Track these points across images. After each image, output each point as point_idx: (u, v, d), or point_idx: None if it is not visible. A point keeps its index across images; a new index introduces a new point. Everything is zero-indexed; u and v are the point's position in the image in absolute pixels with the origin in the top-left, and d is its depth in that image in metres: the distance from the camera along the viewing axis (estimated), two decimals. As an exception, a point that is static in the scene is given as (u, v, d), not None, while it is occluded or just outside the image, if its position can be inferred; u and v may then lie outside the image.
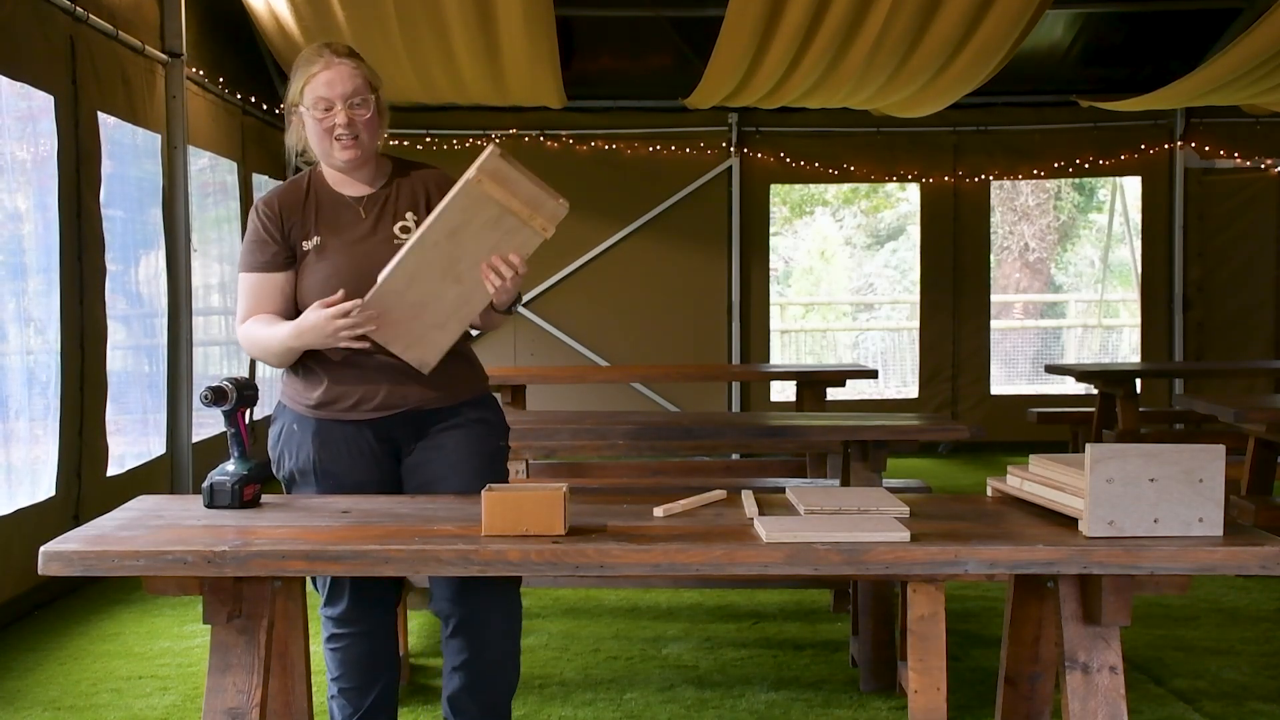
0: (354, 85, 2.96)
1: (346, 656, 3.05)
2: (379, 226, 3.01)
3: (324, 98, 2.94)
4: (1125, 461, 2.44)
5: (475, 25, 7.37)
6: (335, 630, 3.06)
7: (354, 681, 3.06)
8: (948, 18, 7.23)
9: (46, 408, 5.32)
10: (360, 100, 2.96)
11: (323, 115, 2.95)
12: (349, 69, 2.97)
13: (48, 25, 5.36)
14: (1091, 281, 16.22)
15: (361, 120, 2.96)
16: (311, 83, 2.96)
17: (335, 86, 2.94)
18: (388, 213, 3.03)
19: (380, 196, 3.05)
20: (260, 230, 3.03)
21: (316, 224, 3.02)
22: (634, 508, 2.78)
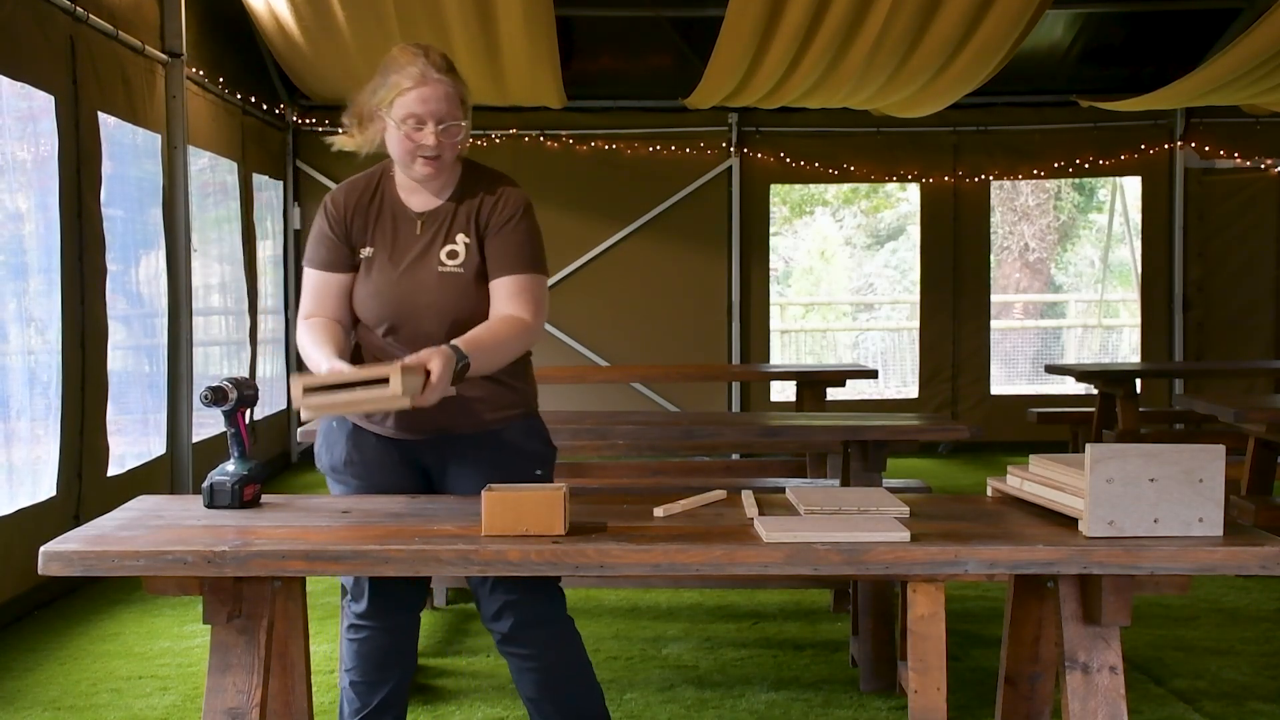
0: (448, 106, 2.86)
1: (361, 649, 3.01)
2: (430, 248, 2.94)
3: (416, 114, 2.85)
4: (1125, 461, 2.44)
5: (475, 25, 7.37)
6: (355, 621, 3.02)
7: (365, 676, 3.02)
8: (948, 18, 7.23)
9: (47, 408, 5.32)
10: (452, 123, 2.87)
11: (412, 132, 2.86)
12: (446, 88, 2.86)
13: (48, 25, 5.36)
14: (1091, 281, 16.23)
15: (451, 141, 2.88)
16: (405, 96, 2.85)
17: (430, 105, 2.85)
18: (441, 233, 2.94)
19: (442, 212, 2.96)
20: (324, 226, 2.99)
21: (374, 232, 2.97)
22: (634, 508, 2.78)
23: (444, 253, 2.93)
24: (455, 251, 2.94)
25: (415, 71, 2.84)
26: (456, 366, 2.73)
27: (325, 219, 3.00)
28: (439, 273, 2.91)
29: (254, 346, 8.38)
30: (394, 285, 2.93)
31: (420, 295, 2.90)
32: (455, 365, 2.73)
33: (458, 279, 2.93)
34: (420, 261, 2.93)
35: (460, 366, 2.74)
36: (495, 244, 2.94)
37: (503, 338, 2.89)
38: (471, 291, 2.94)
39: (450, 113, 2.86)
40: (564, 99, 8.85)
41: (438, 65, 2.86)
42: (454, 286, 2.93)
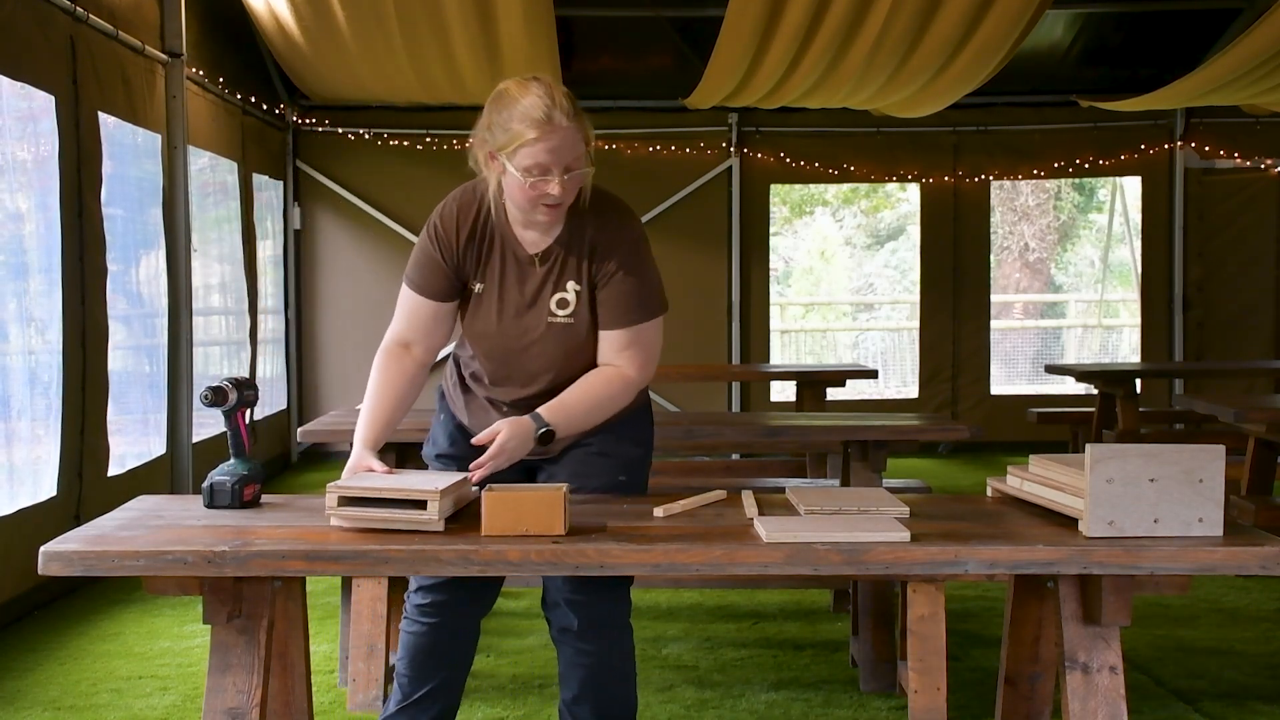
0: (575, 154, 2.72)
1: (411, 643, 2.99)
2: (540, 295, 2.86)
3: (543, 164, 2.70)
4: (1125, 461, 2.44)
5: (475, 25, 7.37)
6: (409, 614, 3.00)
7: (410, 670, 2.99)
8: (948, 18, 7.23)
9: (48, 408, 5.32)
10: (575, 167, 2.73)
11: (536, 181, 2.71)
12: (573, 133, 2.71)
13: (48, 25, 5.36)
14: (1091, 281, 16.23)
15: (575, 188, 2.77)
16: (530, 147, 2.68)
17: (558, 155, 2.70)
18: (551, 279, 2.86)
19: (552, 255, 2.86)
20: (434, 253, 2.88)
21: (485, 268, 2.88)
22: (634, 508, 2.78)
23: (554, 301, 2.87)
24: (565, 300, 2.87)
25: (540, 118, 2.68)
26: (538, 434, 2.78)
27: (435, 245, 2.88)
28: (549, 323, 2.87)
29: (254, 346, 8.39)
30: (503, 331, 2.89)
31: (529, 344, 2.88)
32: (535, 433, 2.77)
33: (567, 330, 2.88)
34: (531, 309, 2.87)
35: (542, 434, 2.78)
36: (605, 295, 2.87)
37: (596, 398, 2.86)
38: (580, 340, 2.90)
39: (576, 160, 2.73)
40: (564, 99, 8.84)
41: (564, 110, 2.70)
42: (563, 337, 2.88)
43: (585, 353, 2.92)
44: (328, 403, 9.56)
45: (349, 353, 9.65)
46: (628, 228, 2.91)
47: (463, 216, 2.88)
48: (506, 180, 2.77)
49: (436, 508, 2.50)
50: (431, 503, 2.50)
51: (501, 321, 2.89)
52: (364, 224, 9.64)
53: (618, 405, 2.92)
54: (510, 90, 2.74)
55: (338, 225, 9.67)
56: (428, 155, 9.49)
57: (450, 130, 9.51)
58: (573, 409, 2.83)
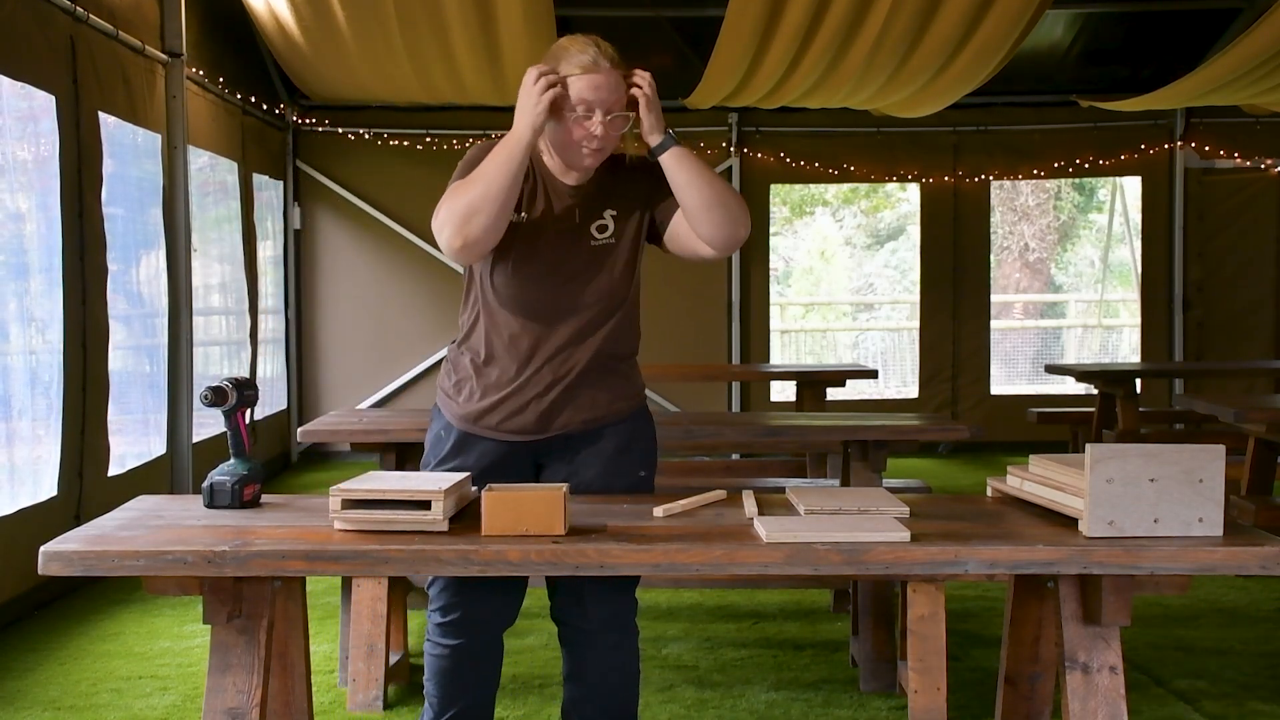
0: (617, 97, 2.83)
1: (437, 665, 2.98)
2: (579, 224, 2.93)
3: (587, 101, 2.81)
4: (1125, 461, 2.44)
5: (475, 25, 7.37)
6: (431, 635, 2.99)
7: (440, 690, 2.98)
8: (948, 18, 7.23)
9: (49, 407, 5.32)
10: (619, 114, 2.84)
11: (581, 118, 2.82)
12: (616, 78, 2.83)
13: (48, 25, 5.36)
14: (1091, 281, 16.23)
15: (615, 133, 2.86)
16: (576, 83, 2.81)
17: (600, 93, 2.81)
18: (589, 207, 2.94)
19: (589, 187, 2.95)
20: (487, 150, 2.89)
21: (526, 198, 2.92)
22: (634, 508, 2.78)
23: (594, 227, 2.94)
24: (604, 226, 2.94)
25: (586, 59, 2.82)
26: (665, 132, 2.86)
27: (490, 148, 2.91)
28: (590, 246, 2.92)
29: (254, 346, 8.39)
30: (545, 255, 2.91)
31: (572, 267, 2.91)
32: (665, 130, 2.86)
33: (609, 250, 2.94)
34: (570, 236, 2.92)
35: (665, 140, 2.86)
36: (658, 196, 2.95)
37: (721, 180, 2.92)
38: (620, 264, 2.95)
39: (617, 103, 2.83)
40: (564, 99, 8.84)
41: (610, 57, 2.83)
42: (604, 258, 2.94)
43: (626, 282, 2.97)
44: (328, 403, 9.56)
45: (349, 353, 9.66)
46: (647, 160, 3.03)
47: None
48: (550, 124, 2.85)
49: (441, 508, 2.50)
50: (436, 503, 2.50)
51: (543, 245, 2.91)
52: (364, 224, 9.64)
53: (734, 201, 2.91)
54: (562, 42, 2.90)
55: (338, 225, 9.67)
56: (428, 155, 9.49)
57: (450, 130, 9.51)
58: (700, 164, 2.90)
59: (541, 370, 2.93)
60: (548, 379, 2.93)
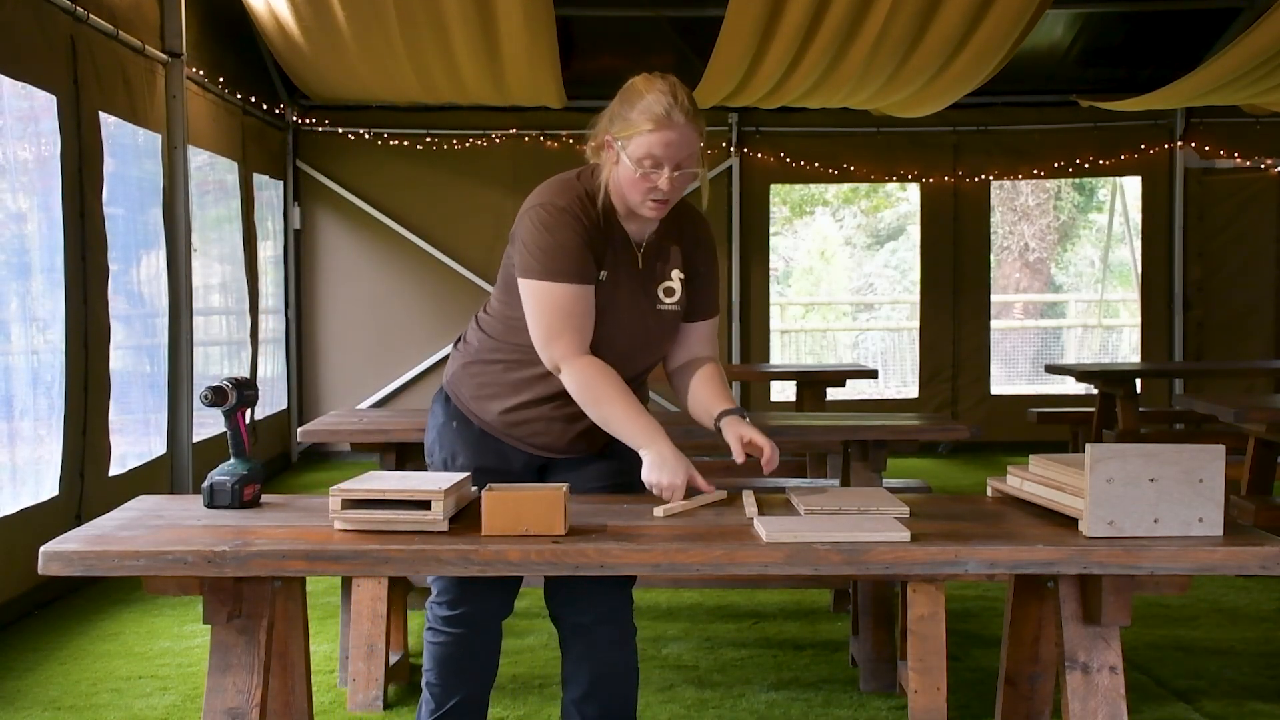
0: (688, 152, 2.78)
1: (440, 654, 2.98)
2: (650, 283, 2.91)
3: (655, 157, 2.75)
4: (1125, 461, 2.44)
5: (475, 25, 7.38)
6: (434, 625, 2.99)
7: (441, 680, 2.99)
8: (948, 18, 7.24)
9: (51, 407, 5.32)
10: (689, 170, 2.79)
11: (649, 173, 2.77)
12: (689, 132, 2.77)
13: (48, 25, 5.36)
14: (1091, 281, 16.23)
15: (684, 187, 2.82)
16: (646, 137, 2.75)
17: (671, 150, 2.75)
18: (657, 267, 2.92)
19: (655, 244, 2.93)
20: (575, 232, 2.79)
21: (604, 255, 2.85)
22: (634, 508, 2.78)
23: (661, 289, 2.92)
24: (672, 289, 2.93)
25: (660, 113, 2.75)
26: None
27: (580, 223, 2.80)
28: (658, 310, 2.92)
29: (254, 346, 8.39)
30: (626, 320, 2.89)
31: (644, 331, 2.91)
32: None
33: (674, 317, 2.94)
34: (645, 296, 2.91)
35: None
36: (699, 285, 2.98)
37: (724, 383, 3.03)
38: (676, 330, 3.00)
39: (689, 159, 2.78)
40: (564, 99, 8.85)
41: (685, 109, 2.77)
42: (669, 325, 2.94)
43: (670, 343, 3.02)
44: (328, 403, 9.56)
45: (349, 353, 9.66)
46: (707, 226, 3.06)
47: (582, 201, 2.86)
48: (619, 170, 2.82)
49: (441, 508, 2.50)
50: (436, 503, 2.50)
51: (622, 309, 2.89)
52: (364, 224, 9.64)
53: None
54: (637, 85, 2.83)
55: (338, 225, 9.67)
56: (428, 155, 9.49)
57: (450, 130, 9.51)
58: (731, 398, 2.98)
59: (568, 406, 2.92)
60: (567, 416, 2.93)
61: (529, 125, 9.58)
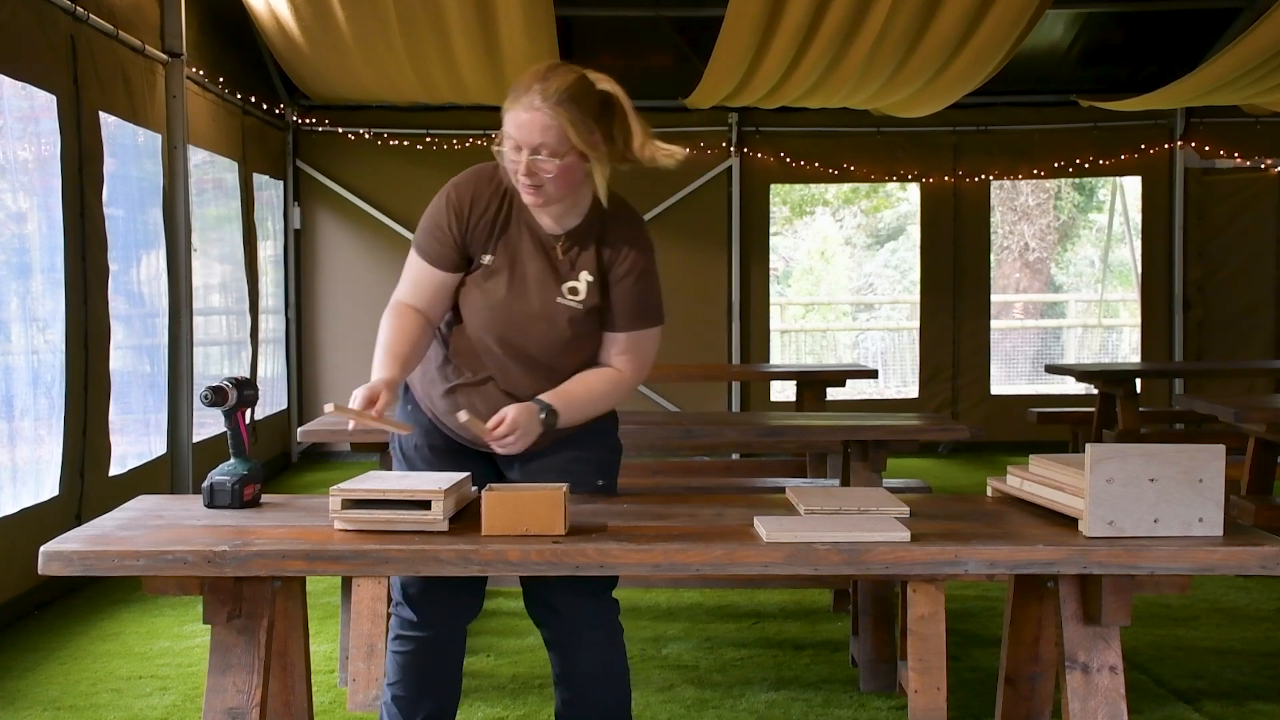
0: (543, 139, 2.72)
1: (407, 662, 2.95)
2: (553, 277, 2.87)
3: (511, 136, 2.75)
4: (1125, 461, 2.44)
5: (475, 25, 7.37)
6: (400, 632, 2.96)
7: (409, 690, 2.96)
8: (948, 18, 7.23)
9: (51, 407, 5.32)
10: (547, 155, 2.73)
11: (509, 149, 2.77)
12: (544, 120, 2.70)
13: (48, 25, 5.36)
14: (1091, 281, 16.23)
15: (544, 173, 2.75)
16: (507, 115, 2.76)
17: (524, 132, 2.73)
18: (565, 266, 2.87)
19: (570, 242, 2.88)
20: (444, 221, 2.87)
21: (499, 242, 2.87)
22: (634, 508, 2.78)
23: (566, 286, 2.88)
24: (576, 288, 2.88)
25: (522, 93, 2.74)
26: (541, 417, 2.76)
27: (448, 213, 2.87)
28: (557, 303, 2.86)
29: (254, 346, 8.39)
30: (509, 304, 2.86)
31: (534, 321, 2.86)
32: (539, 417, 2.75)
33: (574, 314, 2.88)
34: (541, 287, 2.87)
35: (547, 420, 2.76)
36: (616, 295, 2.90)
37: (598, 393, 2.89)
38: (582, 328, 2.89)
39: (546, 144, 2.73)
40: (564, 99, 8.84)
41: (546, 95, 2.72)
42: (568, 320, 2.88)
43: (582, 349, 2.92)
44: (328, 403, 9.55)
45: (349, 353, 9.65)
46: (643, 235, 2.96)
47: (478, 192, 2.88)
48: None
49: (441, 508, 2.51)
50: (436, 503, 2.51)
51: (511, 293, 2.87)
52: (364, 224, 9.64)
53: (612, 404, 2.97)
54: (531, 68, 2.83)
55: (338, 225, 9.67)
56: (428, 155, 9.49)
57: (450, 130, 9.51)
58: (574, 399, 2.84)
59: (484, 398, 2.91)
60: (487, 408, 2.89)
61: (529, 125, 9.56)
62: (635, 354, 2.94)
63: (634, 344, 2.93)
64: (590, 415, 2.91)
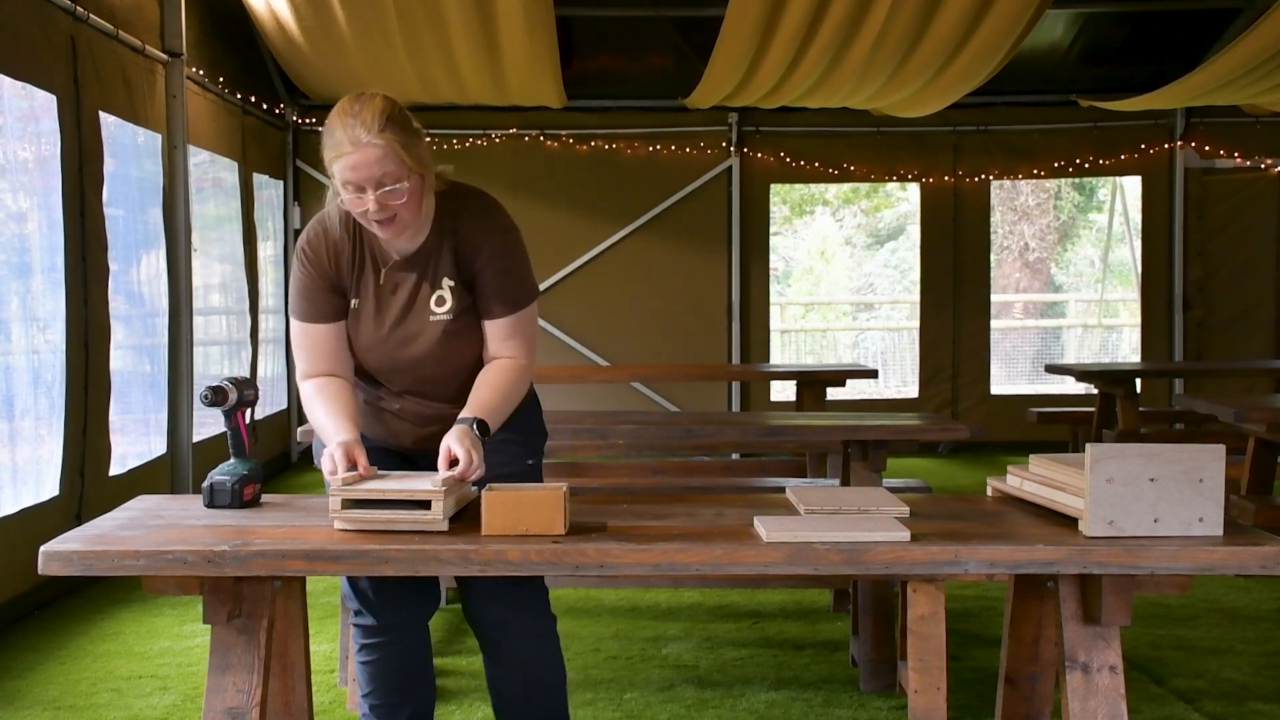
0: (384, 169, 2.67)
1: (377, 670, 2.95)
2: (416, 297, 2.85)
3: (351, 182, 2.69)
4: (1125, 461, 2.44)
5: (475, 25, 7.38)
6: (364, 641, 2.96)
7: (385, 698, 2.95)
8: (948, 18, 7.23)
9: (51, 407, 5.32)
10: (391, 183, 2.68)
11: (352, 197, 2.71)
12: (378, 152, 2.66)
13: (48, 25, 5.36)
14: (1091, 281, 16.23)
15: (396, 203, 2.71)
16: (337, 165, 2.69)
17: (361, 171, 2.67)
18: (426, 278, 2.85)
19: (422, 255, 2.85)
20: (307, 277, 2.87)
21: (358, 283, 2.86)
22: (634, 508, 2.78)
23: (433, 300, 2.85)
24: (443, 298, 2.85)
25: (343, 137, 2.67)
26: (475, 434, 2.72)
27: (307, 268, 2.86)
28: (429, 321, 2.85)
29: (254, 346, 8.39)
30: (385, 340, 2.87)
31: (416, 347, 2.86)
32: (474, 434, 2.71)
33: (446, 325, 2.86)
34: (409, 312, 2.86)
35: (481, 435, 2.74)
36: (482, 285, 2.86)
37: (508, 389, 2.87)
38: (466, 332, 2.88)
39: (387, 173, 2.68)
40: (564, 99, 8.86)
41: (368, 126, 2.66)
42: (443, 333, 2.86)
43: (469, 347, 2.91)
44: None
45: (349, 352, 9.64)
46: (493, 217, 2.90)
47: (325, 236, 2.87)
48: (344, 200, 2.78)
49: (441, 507, 2.51)
50: (436, 502, 2.51)
51: (381, 329, 2.87)
52: (364, 224, 9.62)
53: (523, 392, 2.94)
54: (334, 109, 2.75)
55: (338, 225, 9.65)
56: (428, 155, 9.47)
57: (450, 130, 9.50)
58: (492, 403, 2.82)
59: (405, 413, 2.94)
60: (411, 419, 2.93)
61: (529, 125, 9.58)
62: (520, 336, 2.91)
63: (516, 327, 2.90)
64: (510, 410, 2.89)
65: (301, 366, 2.91)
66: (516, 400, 2.91)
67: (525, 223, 3.13)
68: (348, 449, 2.68)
